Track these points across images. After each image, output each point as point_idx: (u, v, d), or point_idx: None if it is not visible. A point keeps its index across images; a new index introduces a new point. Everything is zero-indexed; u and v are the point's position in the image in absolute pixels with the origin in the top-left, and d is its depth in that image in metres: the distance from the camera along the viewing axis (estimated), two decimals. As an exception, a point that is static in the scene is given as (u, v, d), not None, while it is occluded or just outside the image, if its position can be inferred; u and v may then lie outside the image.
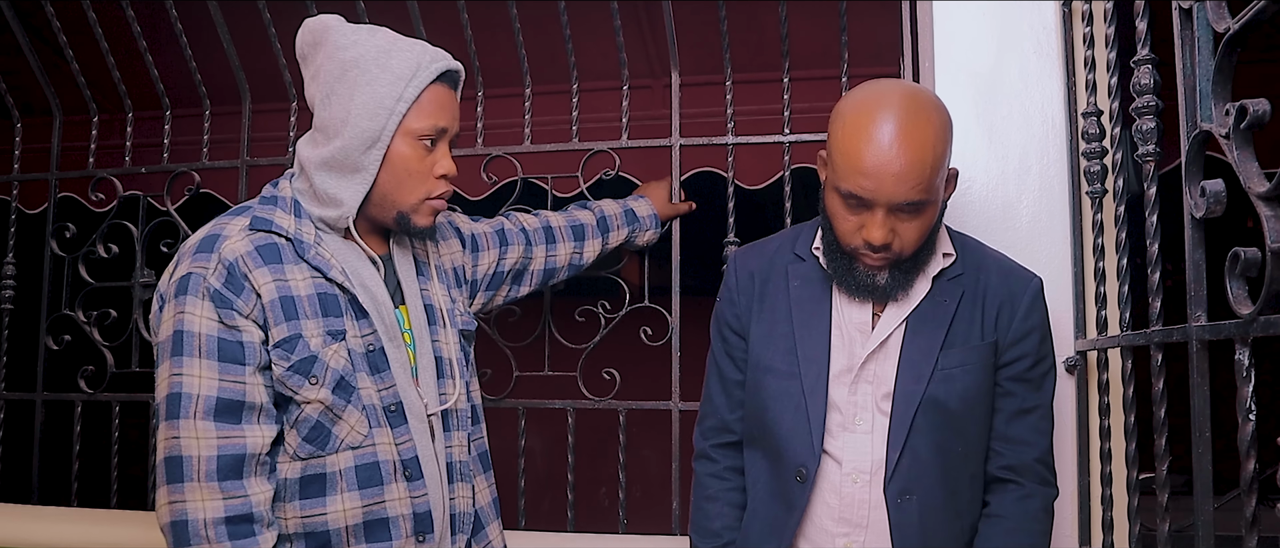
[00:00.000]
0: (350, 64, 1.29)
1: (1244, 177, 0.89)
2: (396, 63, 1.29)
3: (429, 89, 1.32)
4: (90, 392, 2.20)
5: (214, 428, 1.22)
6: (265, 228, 1.31)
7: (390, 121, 1.29)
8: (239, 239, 1.29)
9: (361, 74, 1.29)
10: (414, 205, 1.34)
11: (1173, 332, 1.13)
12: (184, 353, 1.23)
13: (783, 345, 1.40)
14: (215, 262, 1.26)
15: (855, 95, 1.32)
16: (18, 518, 2.13)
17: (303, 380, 1.27)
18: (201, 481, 1.20)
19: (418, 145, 1.32)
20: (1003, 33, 1.70)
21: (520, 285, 1.72)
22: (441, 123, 1.33)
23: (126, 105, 2.29)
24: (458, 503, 1.40)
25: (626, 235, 1.85)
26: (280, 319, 1.27)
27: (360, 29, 1.33)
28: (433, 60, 1.32)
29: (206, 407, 1.22)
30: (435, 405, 1.38)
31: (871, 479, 1.35)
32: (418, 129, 1.31)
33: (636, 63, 2.50)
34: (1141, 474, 1.36)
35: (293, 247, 1.31)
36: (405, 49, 1.31)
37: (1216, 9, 0.95)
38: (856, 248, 1.32)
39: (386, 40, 1.32)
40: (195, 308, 1.24)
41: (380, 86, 1.28)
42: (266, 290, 1.27)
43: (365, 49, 1.30)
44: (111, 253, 2.23)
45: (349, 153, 1.30)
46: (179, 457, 1.21)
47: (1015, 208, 1.67)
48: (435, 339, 1.42)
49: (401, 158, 1.31)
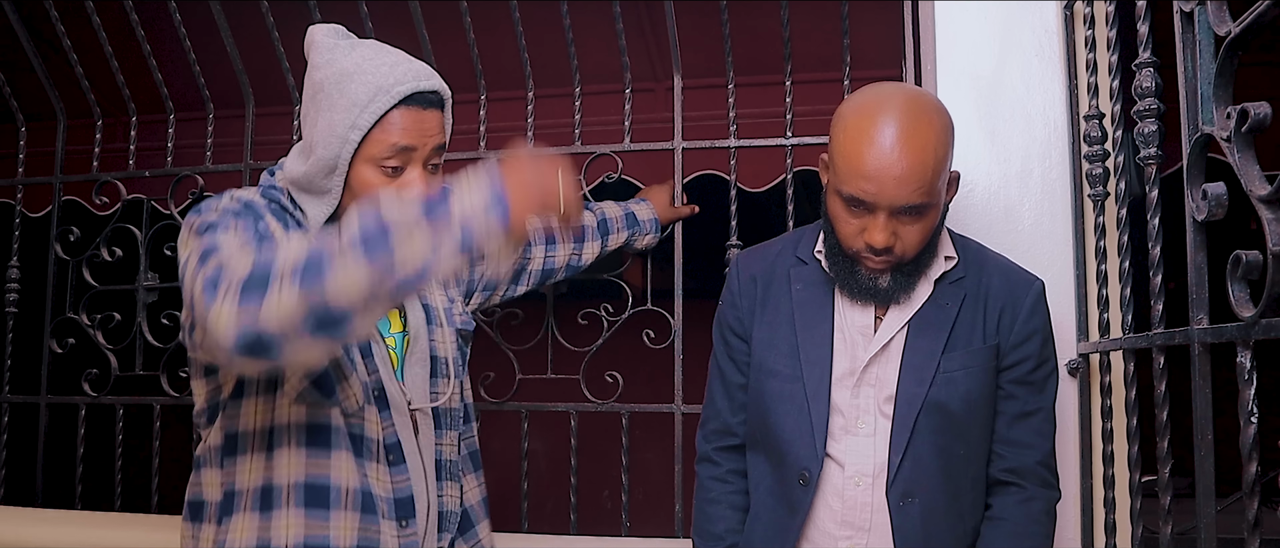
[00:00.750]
0: (318, 87, 1.27)
1: (1245, 179, 0.89)
2: (354, 88, 1.24)
3: (393, 112, 1.25)
4: (94, 395, 2.21)
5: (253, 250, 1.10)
6: (274, 199, 1.31)
7: (344, 151, 1.25)
8: (247, 193, 1.28)
9: (325, 99, 1.26)
10: None
11: (1175, 334, 1.13)
12: (217, 229, 1.15)
13: (785, 349, 1.40)
14: (228, 198, 1.25)
15: (857, 98, 1.32)
16: (22, 521, 2.14)
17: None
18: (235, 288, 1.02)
19: (379, 170, 1.27)
20: (1004, 36, 1.71)
21: (517, 285, 1.72)
22: (403, 142, 1.26)
23: (130, 109, 2.29)
24: (446, 500, 1.40)
25: (626, 238, 1.85)
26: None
27: (338, 46, 1.29)
28: (397, 83, 1.25)
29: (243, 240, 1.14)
30: (422, 402, 1.38)
31: (874, 482, 1.35)
32: (376, 155, 1.26)
33: (639, 66, 2.50)
34: (1144, 477, 1.36)
35: (298, 226, 1.31)
36: (368, 73, 1.25)
37: (1218, 12, 0.95)
38: (858, 251, 1.33)
39: (353, 62, 1.26)
40: (214, 210, 1.21)
41: (336, 113, 1.25)
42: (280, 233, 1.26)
43: (329, 73, 1.26)
44: (115, 256, 2.23)
45: (312, 177, 1.28)
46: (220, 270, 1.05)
47: (1017, 211, 1.67)
48: (432, 338, 1.42)
49: (364, 184, 1.27)
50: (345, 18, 2.05)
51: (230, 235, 1.15)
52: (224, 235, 1.15)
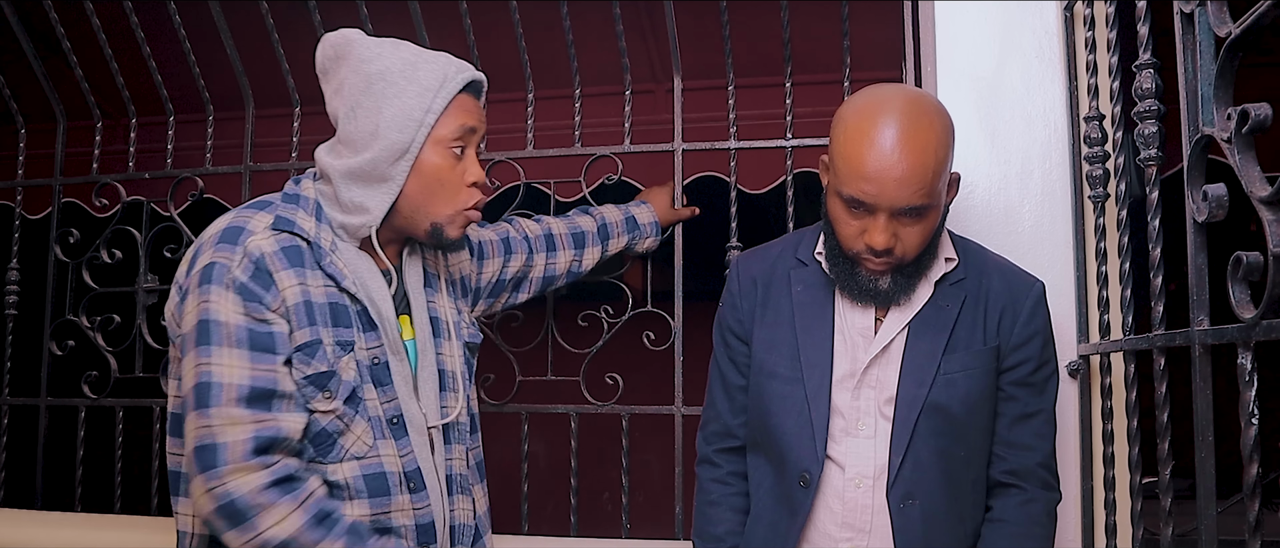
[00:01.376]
0: (376, 77, 1.29)
1: (1246, 181, 0.89)
2: (423, 74, 1.30)
3: (460, 96, 1.34)
4: (94, 397, 2.21)
5: (248, 414, 1.19)
6: (288, 229, 1.29)
7: (419, 133, 1.29)
8: (264, 237, 1.27)
9: (388, 86, 1.29)
10: (448, 217, 1.35)
11: (1175, 336, 1.13)
12: (212, 342, 1.20)
13: (785, 350, 1.40)
14: (240, 255, 1.24)
15: (857, 100, 1.32)
16: (22, 523, 2.13)
17: (316, 392, 1.26)
18: (239, 461, 1.17)
19: (448, 153, 1.32)
20: (1005, 37, 1.71)
21: (520, 292, 1.73)
22: (470, 123, 1.34)
23: (130, 111, 2.29)
24: (457, 515, 1.40)
25: (627, 242, 1.85)
26: (304, 323, 1.26)
27: (383, 43, 1.34)
28: (458, 71, 1.33)
29: (239, 394, 1.19)
30: (435, 418, 1.38)
31: (874, 484, 1.35)
32: (446, 136, 1.32)
33: (639, 67, 2.50)
34: (1144, 479, 1.36)
35: (311, 251, 1.30)
36: (430, 61, 1.32)
37: (1218, 13, 0.95)
38: (859, 253, 1.33)
39: (411, 52, 1.33)
40: (221, 298, 1.22)
41: (408, 98, 1.29)
42: (291, 293, 1.26)
43: (391, 62, 1.30)
44: (115, 258, 2.23)
45: (377, 164, 1.30)
46: (212, 444, 1.18)
47: (1017, 212, 1.67)
48: (439, 352, 1.42)
49: (432, 167, 1.32)
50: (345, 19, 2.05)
51: (225, 362, 1.20)
52: (220, 360, 1.20)
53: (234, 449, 1.18)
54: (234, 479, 1.17)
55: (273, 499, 1.17)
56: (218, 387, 1.19)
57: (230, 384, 1.19)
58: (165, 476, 1.34)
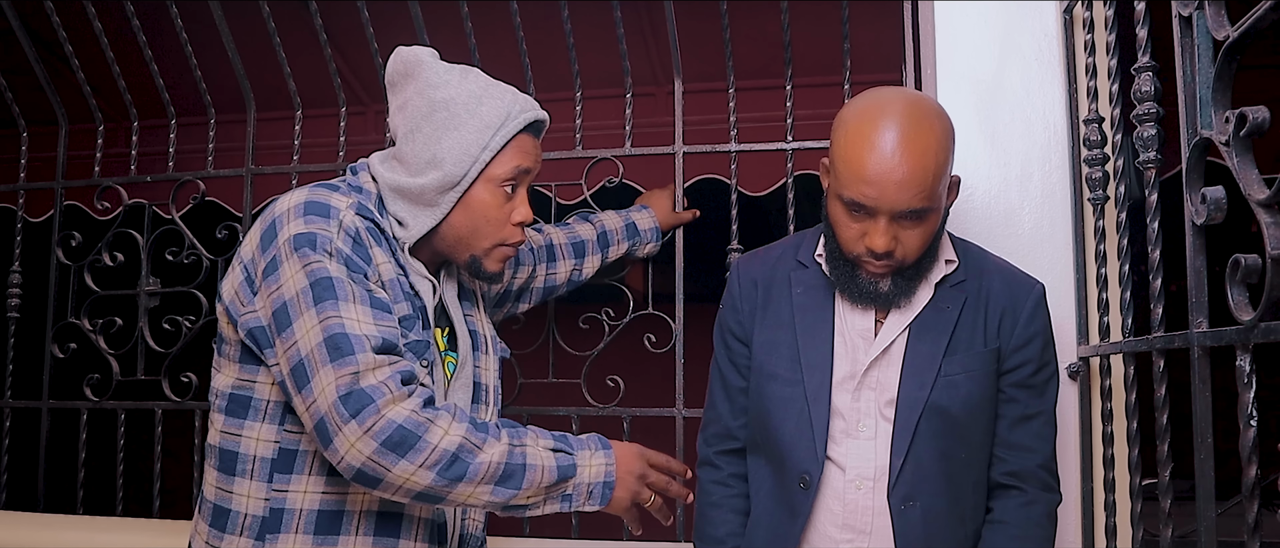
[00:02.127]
0: (440, 105, 1.29)
1: (1244, 183, 0.89)
2: (486, 110, 1.29)
3: (519, 136, 1.32)
4: (96, 400, 2.21)
5: (386, 358, 1.17)
6: (368, 215, 1.28)
7: (473, 169, 1.29)
8: (351, 215, 1.25)
9: (451, 117, 1.29)
10: (486, 250, 1.34)
11: (1174, 338, 1.13)
12: (335, 298, 1.17)
13: (786, 352, 1.41)
14: (337, 228, 1.22)
15: (857, 103, 1.33)
16: (24, 526, 2.14)
17: (416, 360, 1.26)
18: (391, 393, 1.14)
19: (499, 191, 1.32)
20: (1004, 40, 1.71)
21: (521, 302, 1.73)
22: (526, 164, 1.33)
23: (132, 114, 2.29)
24: (468, 524, 1.41)
25: (627, 249, 1.86)
26: (399, 298, 1.27)
27: (453, 70, 1.33)
28: (522, 110, 1.32)
29: (374, 344, 1.16)
30: None
31: (875, 486, 1.35)
32: (500, 175, 1.31)
33: (639, 70, 2.50)
34: (1144, 480, 1.36)
35: (387, 241, 1.30)
36: (496, 96, 1.31)
37: (1216, 17, 0.96)
38: (859, 255, 1.33)
39: (478, 85, 1.32)
40: (329, 264, 1.19)
41: (468, 132, 1.28)
42: (385, 269, 1.27)
43: (456, 91, 1.30)
44: (117, 261, 2.23)
45: (426, 190, 1.30)
46: (359, 389, 1.13)
47: (1017, 214, 1.67)
48: (477, 365, 1.42)
49: (481, 203, 1.31)
50: (347, 23, 2.06)
51: (354, 316, 1.17)
52: (349, 314, 1.17)
53: (383, 389, 1.14)
54: (391, 409, 1.14)
55: (434, 415, 1.16)
56: (354, 338, 1.15)
57: (362, 336, 1.16)
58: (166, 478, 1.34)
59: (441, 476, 1.15)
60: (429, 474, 1.14)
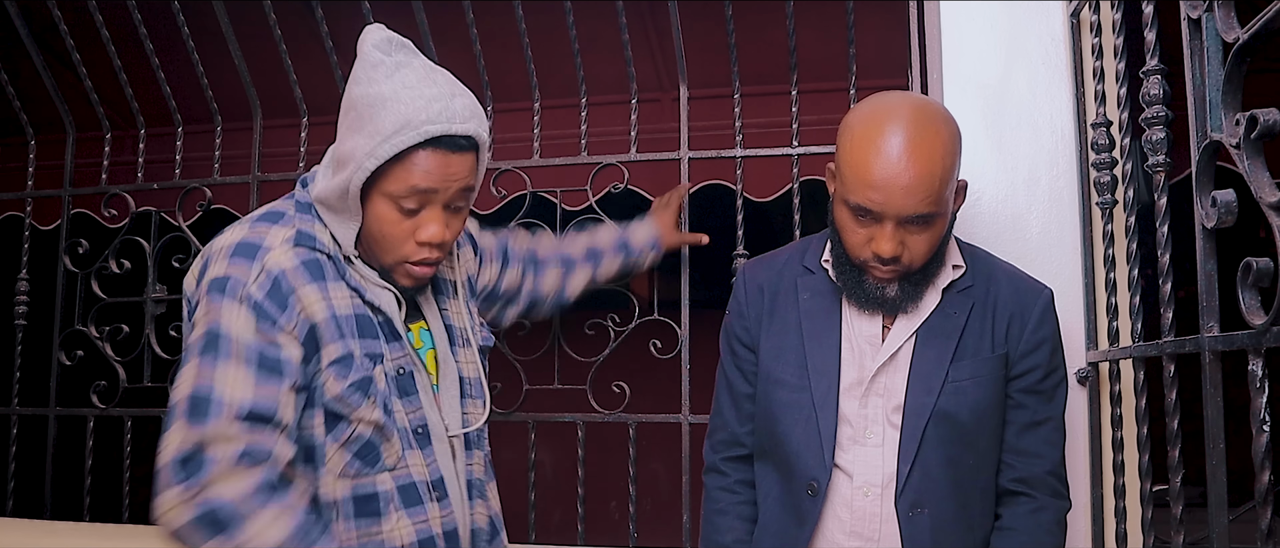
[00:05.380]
0: (352, 102, 1.21)
1: (1255, 186, 0.88)
2: (383, 116, 1.17)
3: (418, 152, 1.18)
4: (103, 407, 2.21)
5: (245, 430, 1.13)
6: (309, 245, 1.24)
7: (356, 177, 1.19)
8: (283, 252, 1.21)
9: (355, 118, 1.20)
10: (392, 264, 1.27)
11: (1185, 343, 1.12)
12: (219, 355, 1.15)
13: (792, 358, 1.40)
14: (258, 270, 1.19)
15: (863, 108, 1.32)
16: (31, 533, 2.14)
17: (362, 398, 1.23)
18: (228, 467, 1.11)
19: (394, 206, 1.22)
20: (1011, 43, 1.70)
21: (510, 306, 1.69)
22: (422, 184, 1.20)
23: (139, 122, 2.30)
24: (477, 519, 1.39)
25: (620, 265, 1.80)
26: (334, 337, 1.22)
27: (382, 64, 1.20)
28: (428, 120, 1.17)
29: (238, 411, 1.13)
30: (457, 427, 1.36)
31: (883, 493, 1.34)
32: (393, 191, 1.20)
33: (645, 76, 2.50)
34: (1155, 487, 1.35)
35: (334, 265, 1.26)
36: (405, 101, 1.17)
37: (1225, 19, 0.95)
38: (866, 261, 1.32)
39: (394, 86, 1.18)
40: (233, 312, 1.16)
41: (361, 137, 1.18)
42: (317, 309, 1.21)
43: (365, 92, 1.19)
44: (124, 269, 2.24)
45: (332, 196, 1.23)
46: (200, 457, 1.11)
47: (1025, 219, 1.66)
48: (458, 360, 1.39)
49: (376, 216, 1.23)
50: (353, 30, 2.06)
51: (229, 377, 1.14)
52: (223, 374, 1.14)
53: (218, 462, 1.12)
54: (217, 487, 1.11)
55: (262, 505, 1.12)
56: (218, 402, 1.13)
57: (231, 401, 1.13)
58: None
59: None
60: None
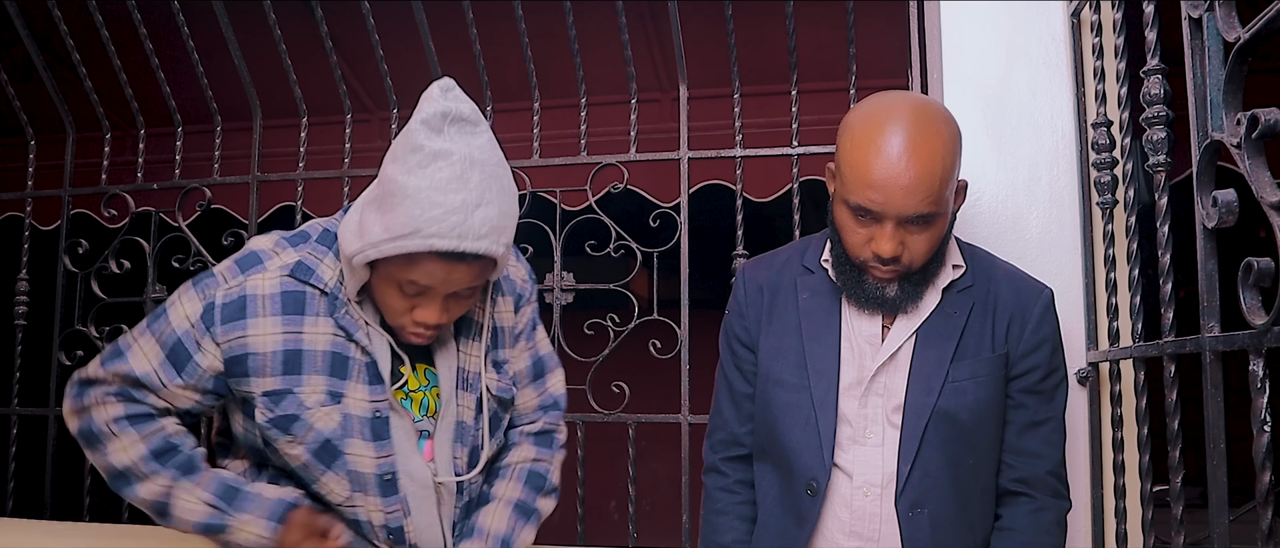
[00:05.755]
0: (383, 178, 1.21)
1: (1256, 186, 0.88)
2: (399, 214, 1.16)
3: (426, 257, 1.18)
4: (102, 407, 2.21)
5: (126, 388, 1.30)
6: (304, 277, 1.28)
7: (358, 258, 1.21)
8: (272, 277, 1.28)
9: (381, 195, 1.20)
10: (397, 327, 1.29)
11: (1186, 343, 1.12)
12: (150, 328, 1.31)
13: (792, 358, 1.40)
14: (236, 283, 1.28)
15: (863, 108, 1.32)
16: (30, 533, 2.14)
17: (281, 435, 1.28)
18: (102, 398, 1.30)
19: (393, 286, 1.23)
20: (1011, 43, 1.70)
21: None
22: (422, 283, 1.21)
23: (139, 122, 2.30)
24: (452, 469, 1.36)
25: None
26: (277, 370, 1.26)
27: (422, 149, 1.16)
28: (439, 235, 1.15)
29: (129, 374, 1.29)
30: (446, 474, 1.34)
31: (882, 493, 1.34)
32: (394, 275, 1.22)
33: (644, 76, 2.50)
34: (1155, 487, 1.35)
35: (326, 301, 1.29)
36: (421, 207, 1.15)
37: (1226, 18, 0.95)
38: (866, 260, 1.32)
39: (416, 184, 1.15)
40: (189, 303, 1.29)
41: (375, 220, 1.19)
42: (270, 340, 1.26)
43: (398, 175, 1.17)
44: (124, 269, 2.24)
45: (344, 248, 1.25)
46: (90, 385, 1.31)
47: (1025, 219, 1.66)
48: (459, 403, 1.36)
49: (379, 286, 1.26)
50: (353, 31, 2.06)
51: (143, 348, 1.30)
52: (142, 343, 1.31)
53: (101, 391, 1.30)
54: (94, 410, 1.30)
55: (121, 429, 1.29)
56: (123, 359, 1.30)
57: (130, 365, 1.29)
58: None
59: (111, 482, 1.32)
60: (104, 475, 1.32)
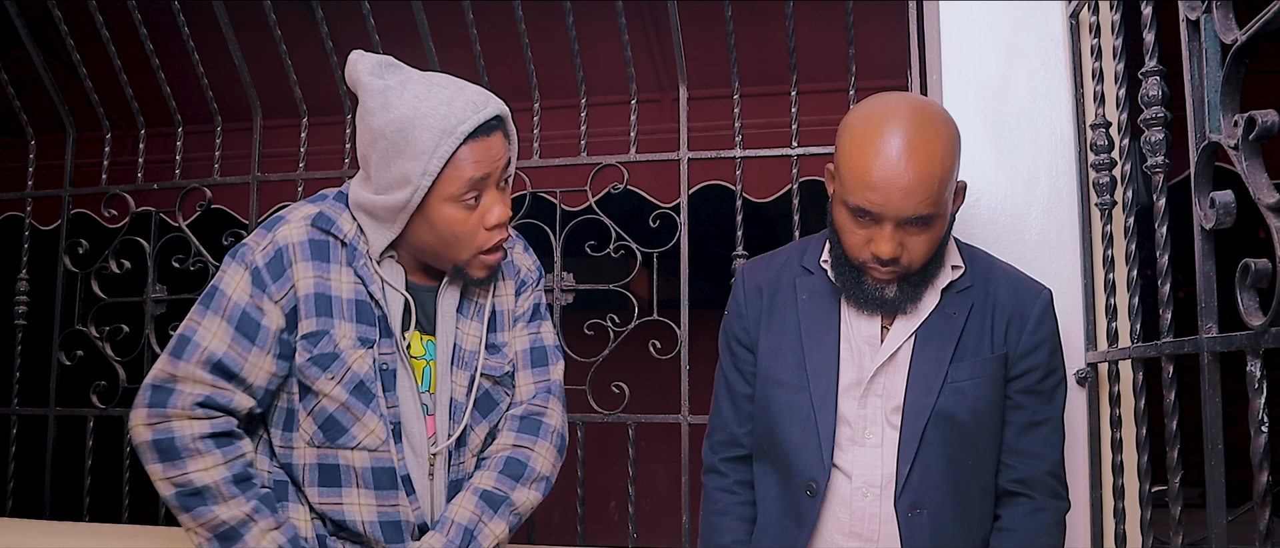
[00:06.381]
0: (378, 134, 1.27)
1: (1253, 188, 0.88)
2: (419, 135, 1.25)
3: (461, 150, 1.27)
4: (102, 407, 2.21)
5: (208, 377, 1.29)
6: (325, 226, 1.35)
7: (415, 196, 1.27)
8: (298, 226, 1.34)
9: (390, 147, 1.26)
10: (467, 260, 1.35)
11: (1184, 343, 1.12)
12: (210, 307, 1.31)
13: (791, 359, 1.40)
14: (268, 241, 1.33)
15: (863, 109, 1.32)
16: (30, 533, 2.14)
17: (320, 373, 1.31)
18: (185, 409, 1.28)
19: (458, 205, 1.30)
20: (1010, 44, 1.71)
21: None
22: (476, 174, 1.28)
23: (139, 122, 2.30)
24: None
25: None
26: (312, 313, 1.32)
27: (389, 88, 1.28)
28: (459, 121, 1.25)
29: (208, 359, 1.29)
30: (440, 443, 1.38)
31: (882, 493, 1.34)
32: (452, 193, 1.28)
33: (644, 77, 2.51)
34: (1154, 487, 1.35)
35: (346, 251, 1.35)
36: (429, 117, 1.25)
37: (1224, 20, 0.95)
38: (865, 261, 1.32)
39: (410, 106, 1.26)
40: (236, 275, 1.32)
41: (405, 161, 1.26)
42: (304, 284, 1.32)
43: (388, 119, 1.26)
44: (124, 269, 2.24)
45: (377, 209, 1.32)
46: (170, 389, 1.29)
47: (1024, 220, 1.66)
48: (452, 379, 1.40)
49: (444, 220, 1.30)
50: (353, 30, 2.06)
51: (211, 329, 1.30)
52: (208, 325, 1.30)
53: (185, 399, 1.28)
54: (177, 421, 1.28)
55: (206, 448, 1.28)
56: (195, 345, 1.30)
57: (203, 347, 1.29)
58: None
59: (179, 499, 1.27)
60: (169, 489, 1.28)
